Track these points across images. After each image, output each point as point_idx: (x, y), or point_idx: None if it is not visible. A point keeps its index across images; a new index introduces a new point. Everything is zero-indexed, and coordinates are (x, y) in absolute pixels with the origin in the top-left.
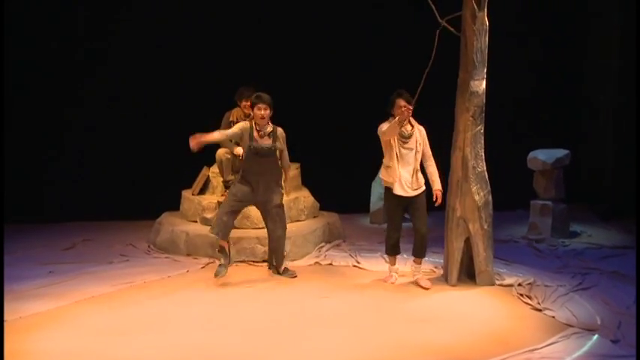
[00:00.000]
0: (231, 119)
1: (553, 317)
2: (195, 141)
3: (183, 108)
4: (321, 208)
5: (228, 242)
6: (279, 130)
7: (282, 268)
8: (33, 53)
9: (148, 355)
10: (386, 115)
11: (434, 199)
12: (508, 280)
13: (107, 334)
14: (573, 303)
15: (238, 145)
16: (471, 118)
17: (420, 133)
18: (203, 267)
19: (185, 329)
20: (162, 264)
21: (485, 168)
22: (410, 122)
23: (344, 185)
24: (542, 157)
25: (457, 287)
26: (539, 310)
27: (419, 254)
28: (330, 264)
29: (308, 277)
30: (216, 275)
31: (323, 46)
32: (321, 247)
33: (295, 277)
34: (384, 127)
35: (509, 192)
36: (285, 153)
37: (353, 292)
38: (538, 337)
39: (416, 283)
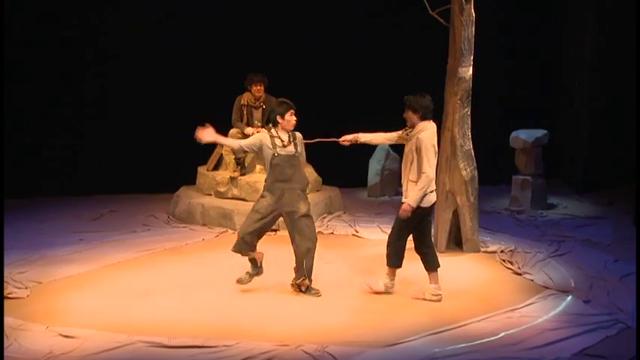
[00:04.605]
0: (242, 103)
1: (532, 280)
2: (207, 136)
3: (200, 91)
4: (324, 183)
5: (259, 253)
6: (298, 134)
7: (306, 286)
8: (55, 25)
9: (167, 314)
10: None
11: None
12: (492, 248)
13: (132, 295)
14: (550, 267)
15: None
16: (458, 102)
17: (416, 141)
18: (217, 235)
19: (201, 290)
20: (181, 233)
21: (471, 146)
22: (414, 125)
23: (344, 162)
24: (523, 136)
25: (446, 254)
26: (519, 274)
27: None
28: (332, 233)
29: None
30: (238, 281)
31: (326, 29)
32: (324, 217)
33: (320, 296)
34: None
35: (493, 168)
36: (303, 157)
37: (352, 259)
38: (518, 298)
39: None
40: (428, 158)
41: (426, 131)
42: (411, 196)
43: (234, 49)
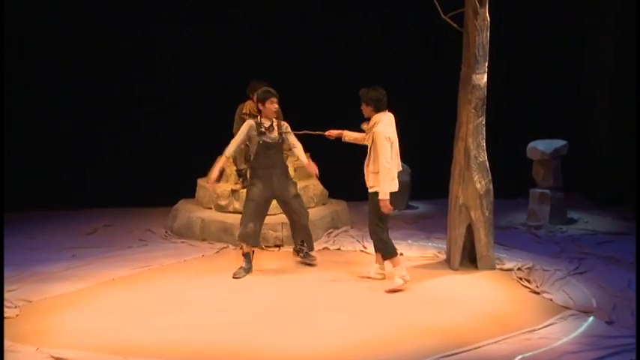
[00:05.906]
0: (244, 111)
1: (551, 300)
2: (212, 180)
3: (200, 102)
4: (330, 196)
5: (252, 249)
6: (284, 123)
7: (304, 252)
8: (54, 34)
9: (165, 334)
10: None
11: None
12: (508, 265)
13: (127, 314)
14: (570, 286)
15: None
16: (473, 110)
17: (373, 134)
18: (217, 251)
19: (200, 310)
20: (179, 248)
21: (486, 158)
22: (370, 117)
23: (351, 174)
24: (541, 147)
25: (459, 271)
26: (538, 293)
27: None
28: (339, 249)
29: (317, 261)
30: (234, 276)
31: (331, 31)
32: (330, 232)
33: (315, 265)
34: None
35: (510, 181)
36: (296, 141)
37: (360, 276)
38: (536, 319)
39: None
40: (383, 152)
41: (380, 124)
42: (380, 190)
43: (234, 55)
